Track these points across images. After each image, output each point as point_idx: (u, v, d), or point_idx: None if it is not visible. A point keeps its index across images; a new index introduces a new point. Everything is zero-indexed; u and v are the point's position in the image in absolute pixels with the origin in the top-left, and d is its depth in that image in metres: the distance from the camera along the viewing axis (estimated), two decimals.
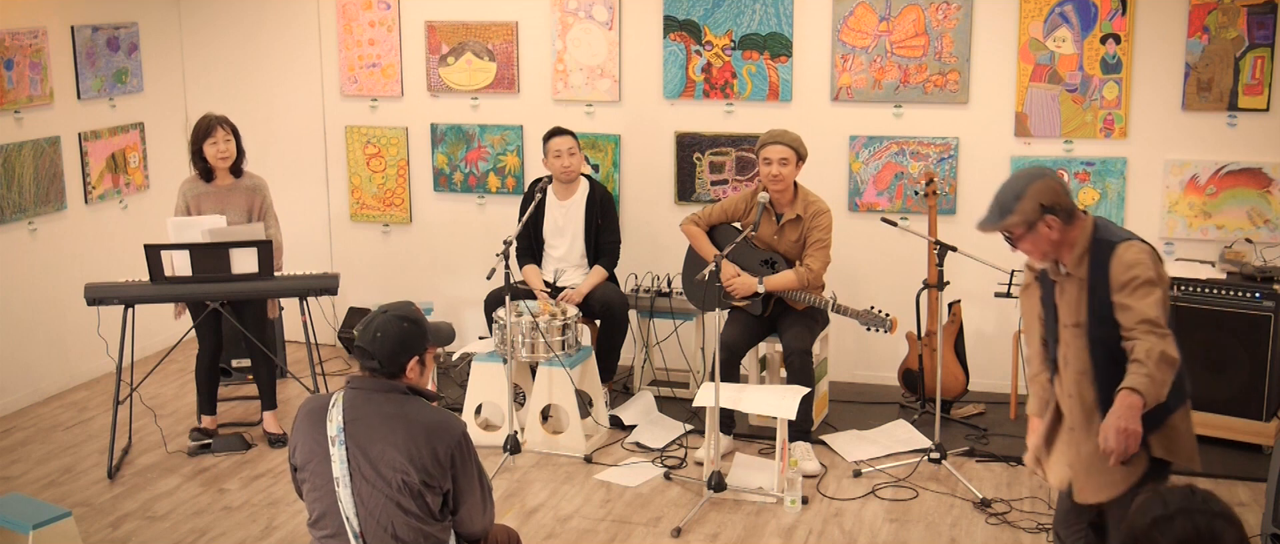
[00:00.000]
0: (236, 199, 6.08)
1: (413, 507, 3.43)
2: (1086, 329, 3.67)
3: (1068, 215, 3.65)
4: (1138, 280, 3.54)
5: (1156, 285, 3.56)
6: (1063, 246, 3.68)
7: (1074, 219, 3.67)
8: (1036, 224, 3.63)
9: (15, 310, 6.75)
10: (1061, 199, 3.63)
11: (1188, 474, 4.43)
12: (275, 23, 7.63)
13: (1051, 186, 3.63)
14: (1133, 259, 3.57)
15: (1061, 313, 3.74)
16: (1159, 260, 3.63)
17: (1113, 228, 3.72)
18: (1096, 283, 3.62)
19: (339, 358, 7.61)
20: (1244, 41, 6.19)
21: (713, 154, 7.01)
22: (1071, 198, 3.71)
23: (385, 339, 3.48)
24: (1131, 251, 3.59)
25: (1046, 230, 3.64)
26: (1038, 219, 3.62)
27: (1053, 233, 3.64)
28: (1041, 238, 3.65)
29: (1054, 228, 3.63)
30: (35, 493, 5.61)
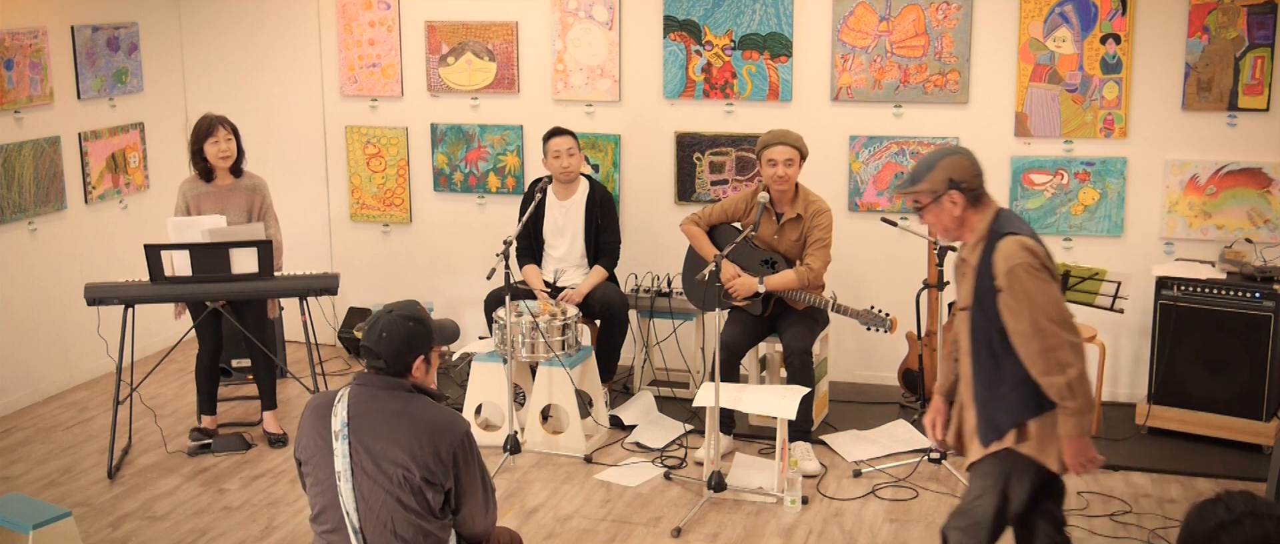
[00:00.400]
0: (236, 199, 6.08)
1: (413, 503, 3.43)
2: (970, 314, 3.78)
3: (974, 197, 3.78)
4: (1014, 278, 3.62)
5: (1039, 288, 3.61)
6: (965, 228, 3.81)
7: (980, 202, 3.79)
8: (942, 197, 3.77)
9: (15, 310, 6.75)
10: (970, 179, 3.77)
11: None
12: (275, 23, 7.63)
13: (962, 164, 3.78)
14: (1008, 251, 3.65)
15: (959, 295, 3.88)
16: (1037, 254, 3.65)
17: (1012, 221, 3.80)
18: (983, 271, 3.71)
19: (339, 358, 7.61)
20: (1244, 41, 6.20)
21: (713, 154, 7.01)
22: (982, 181, 3.82)
23: (391, 338, 3.50)
24: (1009, 245, 3.66)
25: (950, 206, 3.77)
26: (944, 192, 3.76)
27: (956, 209, 3.77)
28: (945, 212, 3.79)
29: (958, 204, 3.77)
30: (35, 493, 5.61)
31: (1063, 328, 3.62)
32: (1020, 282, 3.62)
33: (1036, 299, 3.61)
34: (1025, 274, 3.61)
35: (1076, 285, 5.52)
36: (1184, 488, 5.62)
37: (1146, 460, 5.86)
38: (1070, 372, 3.60)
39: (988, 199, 3.81)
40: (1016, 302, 3.63)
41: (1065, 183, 6.54)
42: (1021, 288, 3.61)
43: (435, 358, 3.63)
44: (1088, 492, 5.55)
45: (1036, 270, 3.63)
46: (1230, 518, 2.40)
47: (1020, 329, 3.63)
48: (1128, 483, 5.66)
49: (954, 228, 3.82)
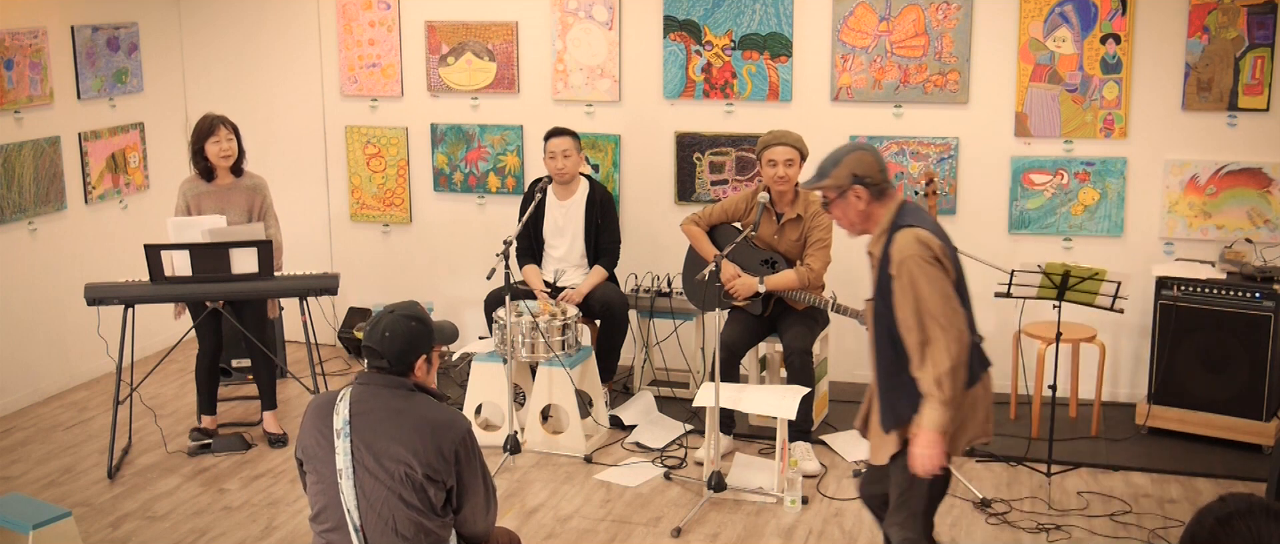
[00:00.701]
0: (237, 198, 6.08)
1: (414, 500, 3.44)
2: (875, 306, 3.88)
3: (878, 191, 3.86)
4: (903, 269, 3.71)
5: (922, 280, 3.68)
6: (870, 221, 3.90)
7: (884, 196, 3.88)
8: (846, 192, 3.86)
9: (15, 310, 6.75)
10: (873, 173, 3.86)
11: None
12: (275, 23, 7.63)
13: (866, 159, 3.87)
14: (902, 243, 3.74)
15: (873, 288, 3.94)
16: (930, 247, 3.72)
17: (912, 214, 3.86)
18: (883, 262, 3.81)
19: (339, 358, 7.61)
20: (1244, 41, 6.20)
21: (713, 154, 7.01)
22: (886, 175, 3.90)
23: (394, 338, 3.51)
24: (904, 236, 3.75)
25: (855, 200, 3.87)
26: (848, 187, 3.86)
27: (860, 203, 3.86)
28: (850, 206, 3.88)
29: (862, 199, 3.86)
30: (35, 493, 5.61)
31: (943, 321, 3.68)
32: (908, 272, 3.70)
33: (921, 291, 3.69)
34: (914, 266, 3.69)
35: (1076, 285, 5.52)
36: (1184, 488, 5.62)
37: (1146, 460, 5.86)
38: (941, 366, 3.67)
39: (891, 193, 3.91)
40: (903, 292, 3.72)
41: (1065, 183, 6.54)
42: (909, 279, 3.71)
43: (436, 357, 3.65)
44: (1088, 492, 5.55)
45: (928, 262, 3.70)
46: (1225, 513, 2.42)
47: (903, 319, 3.73)
48: (1128, 483, 5.66)
49: (859, 221, 3.92)
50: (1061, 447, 5.93)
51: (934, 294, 3.69)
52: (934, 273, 3.70)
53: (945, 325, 3.68)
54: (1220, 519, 2.41)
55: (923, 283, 3.69)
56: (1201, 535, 2.44)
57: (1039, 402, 6.14)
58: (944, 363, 3.66)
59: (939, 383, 3.67)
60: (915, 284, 3.69)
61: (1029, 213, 6.61)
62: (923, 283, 3.69)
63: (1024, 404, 6.43)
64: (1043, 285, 5.57)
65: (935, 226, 3.84)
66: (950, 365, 3.67)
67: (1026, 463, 5.84)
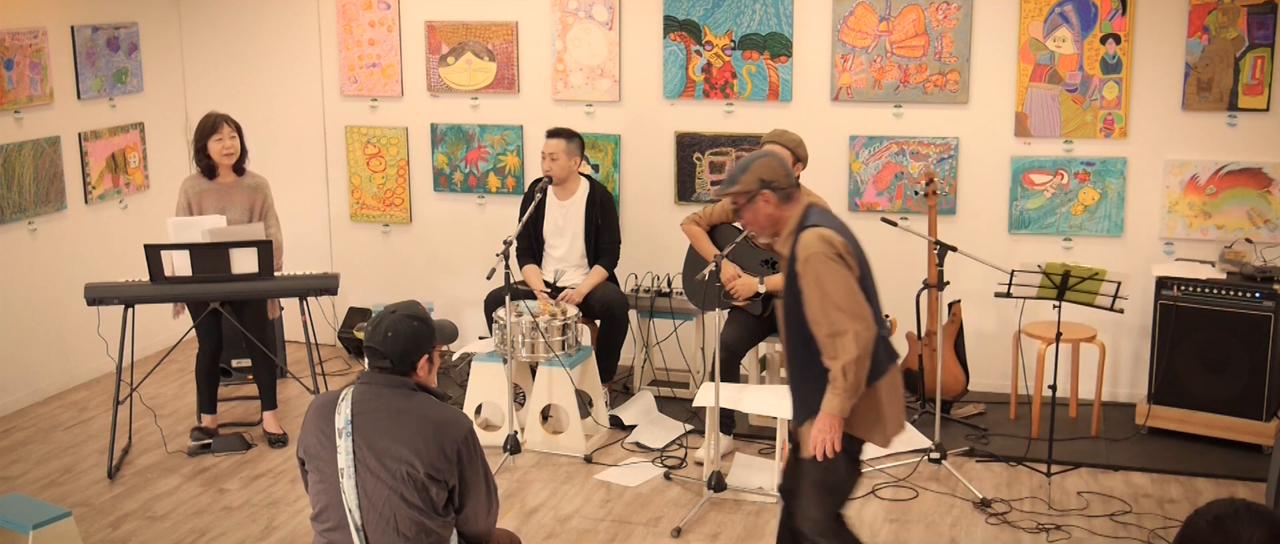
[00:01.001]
0: (238, 197, 6.09)
1: (416, 499, 3.44)
2: (784, 304, 4.02)
3: (785, 195, 4.02)
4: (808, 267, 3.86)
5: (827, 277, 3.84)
6: (779, 224, 4.05)
7: (792, 199, 4.04)
8: (755, 197, 4.01)
9: (15, 310, 6.75)
10: (780, 178, 4.01)
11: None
12: (275, 23, 7.63)
13: (773, 165, 4.03)
14: (806, 242, 3.89)
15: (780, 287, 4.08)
16: (833, 244, 3.87)
17: (818, 215, 4.02)
18: (791, 261, 3.96)
19: (339, 358, 7.61)
20: (1244, 41, 6.20)
21: (713, 154, 7.01)
22: (792, 180, 4.06)
23: (396, 338, 3.52)
24: (808, 236, 3.90)
25: (764, 204, 4.02)
26: (757, 192, 4.00)
27: (769, 207, 4.02)
28: (759, 211, 4.03)
29: (771, 202, 4.01)
30: (35, 493, 5.61)
31: (848, 316, 3.84)
32: (813, 270, 3.86)
33: (826, 286, 3.85)
34: (818, 263, 3.85)
35: (1076, 285, 5.52)
36: (1184, 488, 5.62)
37: (1146, 460, 5.86)
38: (845, 356, 3.82)
39: (799, 195, 4.07)
40: (809, 288, 3.87)
41: (1065, 183, 6.54)
42: (814, 276, 3.86)
43: (437, 357, 3.65)
44: (1088, 492, 5.55)
45: (830, 259, 3.86)
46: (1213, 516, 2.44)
47: (812, 314, 3.88)
48: (1128, 483, 5.66)
49: (769, 224, 4.07)
50: (1061, 447, 5.93)
51: (839, 288, 3.85)
52: (837, 268, 3.87)
53: (852, 316, 3.84)
54: (1212, 522, 2.43)
55: (827, 278, 3.85)
56: (1194, 539, 2.45)
57: (1039, 402, 6.14)
58: (851, 351, 3.82)
59: (845, 370, 3.83)
60: (820, 280, 3.85)
61: (1029, 213, 6.61)
62: (827, 278, 3.85)
63: (1024, 404, 6.44)
64: (1043, 285, 5.57)
65: (840, 226, 4.02)
66: (857, 354, 3.82)
67: (1026, 463, 5.84)
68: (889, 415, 4.02)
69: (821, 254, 3.86)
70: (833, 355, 3.85)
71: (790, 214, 4.03)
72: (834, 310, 3.83)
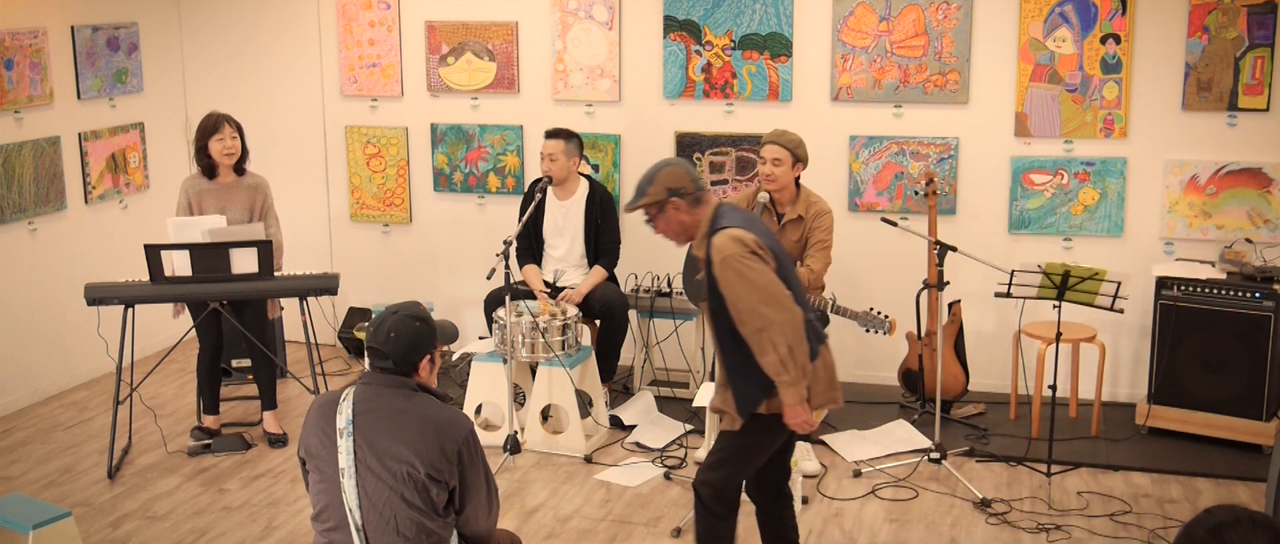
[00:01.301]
0: (238, 197, 6.09)
1: (417, 500, 3.44)
2: (708, 307, 4.09)
3: (694, 200, 4.09)
4: (725, 268, 3.94)
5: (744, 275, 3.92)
6: (692, 228, 4.13)
7: (700, 203, 4.10)
8: (665, 205, 4.09)
9: (15, 310, 6.75)
10: (686, 184, 4.08)
11: None
12: (275, 23, 7.63)
13: (678, 172, 4.10)
14: (719, 245, 3.97)
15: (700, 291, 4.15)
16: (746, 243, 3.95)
17: (728, 215, 4.07)
18: (708, 265, 4.03)
19: (339, 358, 7.61)
20: (1244, 41, 6.20)
21: (713, 154, 7.01)
22: (699, 184, 4.12)
23: (399, 338, 3.52)
24: (720, 239, 3.98)
25: (674, 212, 4.10)
26: (666, 200, 4.08)
27: (681, 214, 4.10)
28: (671, 219, 4.12)
29: (681, 209, 4.09)
30: (35, 493, 5.61)
31: (772, 309, 3.92)
32: (730, 271, 3.94)
33: (745, 284, 3.93)
34: (734, 264, 3.93)
35: (1076, 285, 5.52)
36: (1184, 488, 5.62)
37: (1146, 460, 5.86)
38: (780, 349, 3.91)
39: (707, 198, 4.12)
40: (729, 288, 3.96)
41: (1065, 183, 6.54)
42: (732, 277, 3.94)
43: (438, 357, 3.65)
44: (1088, 492, 5.55)
45: (745, 258, 3.94)
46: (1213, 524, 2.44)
47: (737, 313, 3.96)
48: (1128, 483, 5.66)
49: (681, 231, 4.14)
50: (1061, 447, 5.93)
51: (758, 284, 3.93)
52: (754, 264, 3.94)
53: (776, 309, 3.92)
54: (1210, 530, 2.43)
55: (746, 276, 3.93)
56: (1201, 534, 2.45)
57: (1039, 402, 6.14)
58: (781, 346, 3.91)
59: (784, 365, 3.93)
60: (740, 280, 3.93)
61: (1029, 213, 6.61)
62: (746, 276, 3.93)
63: (1024, 404, 6.44)
64: (1043, 285, 5.57)
65: (751, 221, 4.09)
66: (787, 346, 3.91)
67: (1026, 463, 5.84)
68: (815, 392, 4.13)
69: (736, 254, 3.94)
70: (763, 351, 3.94)
71: (701, 217, 4.10)
72: (758, 306, 3.92)
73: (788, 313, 3.93)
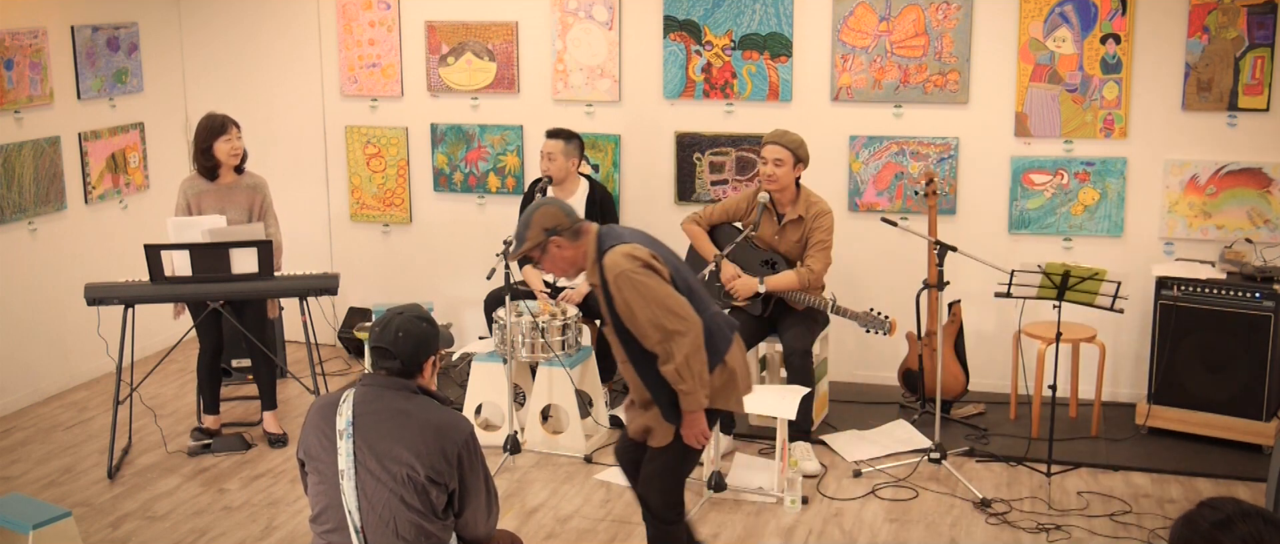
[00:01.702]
0: (237, 197, 6.09)
1: (416, 502, 3.44)
2: (614, 328, 4.16)
3: (572, 234, 4.14)
4: (620, 286, 4.01)
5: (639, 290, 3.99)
6: (579, 260, 4.17)
7: (580, 235, 4.15)
8: (547, 245, 4.13)
9: (15, 310, 6.75)
10: (562, 221, 4.14)
11: None
12: (275, 23, 7.63)
13: (552, 212, 4.15)
14: (611, 263, 4.03)
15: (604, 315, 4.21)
16: (638, 257, 4.02)
17: (611, 236, 4.15)
18: (604, 288, 4.10)
19: (339, 358, 7.61)
20: (1244, 41, 6.20)
21: (713, 154, 7.01)
22: (574, 218, 4.17)
23: (408, 338, 3.54)
24: (611, 257, 4.04)
25: (557, 250, 4.14)
26: (546, 241, 4.12)
27: (564, 251, 4.14)
28: (556, 257, 4.15)
29: (563, 246, 4.13)
30: (35, 493, 5.61)
31: (669, 320, 4.01)
32: (625, 287, 4.02)
33: (641, 299, 4.00)
34: (628, 280, 4.00)
35: (1076, 285, 5.52)
36: (1184, 488, 5.62)
37: (1146, 460, 5.86)
38: (677, 359, 4.02)
39: (585, 228, 4.18)
40: (625, 307, 4.04)
41: (1065, 183, 6.54)
42: (628, 293, 4.02)
43: (439, 361, 3.67)
44: (1088, 492, 5.55)
45: (637, 272, 4.01)
46: (1221, 518, 2.41)
47: (639, 328, 4.05)
48: (1128, 483, 5.66)
49: (570, 266, 4.20)
50: (1061, 447, 5.93)
51: (653, 296, 4.00)
52: (647, 277, 4.02)
53: (675, 318, 4.01)
54: (1217, 524, 2.40)
55: (640, 290, 4.00)
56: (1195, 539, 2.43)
57: (1039, 402, 6.14)
58: (678, 356, 4.01)
59: (680, 373, 4.03)
60: (635, 292, 4.00)
61: (1029, 213, 6.61)
62: (640, 290, 4.00)
63: (1024, 404, 6.44)
64: (1043, 285, 5.57)
65: (637, 235, 4.17)
66: (684, 356, 4.01)
67: (1026, 463, 5.84)
68: (741, 381, 4.26)
69: (629, 270, 4.00)
70: (667, 359, 4.04)
71: (585, 247, 4.15)
72: (659, 317, 4.00)
73: (685, 323, 4.02)
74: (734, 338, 4.27)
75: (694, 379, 4.05)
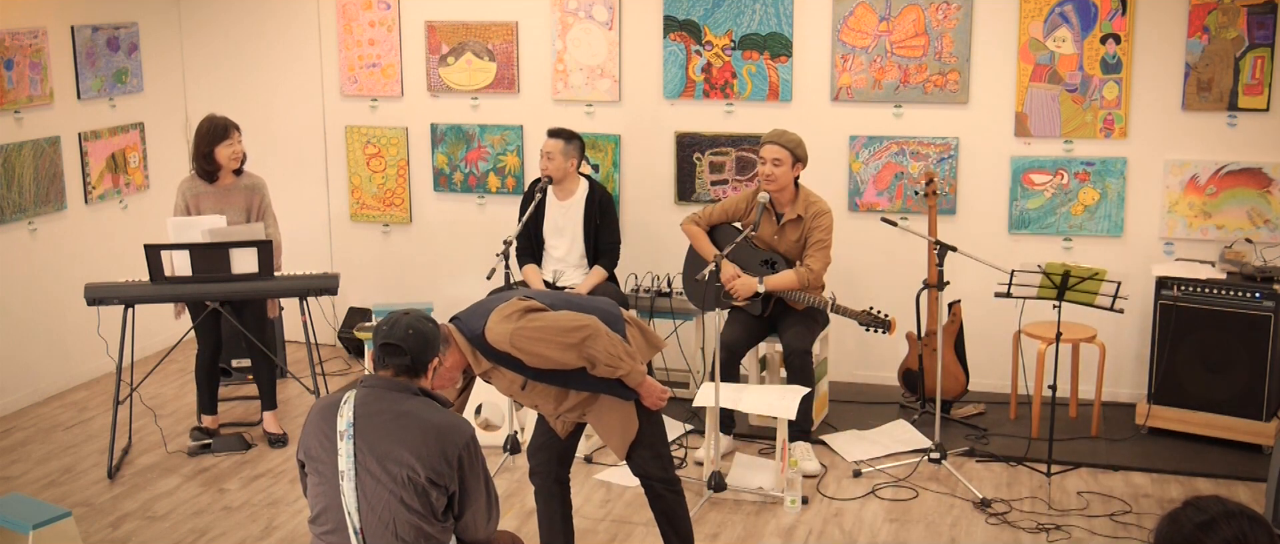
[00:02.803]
0: (235, 198, 6.09)
1: (416, 504, 3.44)
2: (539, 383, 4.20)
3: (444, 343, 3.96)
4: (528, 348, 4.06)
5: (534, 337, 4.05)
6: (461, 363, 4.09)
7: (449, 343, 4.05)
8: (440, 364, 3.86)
9: (15, 310, 6.75)
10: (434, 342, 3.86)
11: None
12: (275, 23, 7.63)
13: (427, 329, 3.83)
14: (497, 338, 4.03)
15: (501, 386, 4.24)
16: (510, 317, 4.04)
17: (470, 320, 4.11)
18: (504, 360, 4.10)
19: (339, 358, 7.61)
20: (1244, 41, 6.20)
21: (713, 154, 7.01)
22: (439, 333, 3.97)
23: (418, 335, 3.57)
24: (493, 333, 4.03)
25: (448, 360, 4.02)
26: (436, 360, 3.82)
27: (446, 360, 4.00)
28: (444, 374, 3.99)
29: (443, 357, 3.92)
30: (35, 493, 5.61)
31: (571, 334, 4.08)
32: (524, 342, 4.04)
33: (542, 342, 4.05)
34: (521, 335, 4.02)
35: (1076, 285, 5.52)
36: (1184, 488, 5.62)
37: (1146, 460, 5.86)
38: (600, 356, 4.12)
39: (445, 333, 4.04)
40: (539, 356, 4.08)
41: (1065, 183, 6.54)
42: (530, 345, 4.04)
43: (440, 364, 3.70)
44: (1088, 492, 5.55)
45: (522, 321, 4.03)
46: (1205, 519, 2.41)
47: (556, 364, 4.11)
48: (1128, 483, 5.66)
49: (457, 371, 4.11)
50: (1061, 447, 5.93)
51: (548, 329, 4.06)
52: (531, 320, 4.05)
53: (575, 331, 4.08)
54: (1200, 526, 2.39)
55: (537, 334, 4.05)
56: (1177, 539, 2.42)
57: (1039, 402, 6.14)
58: (600, 352, 4.12)
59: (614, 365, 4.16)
60: (535, 339, 4.04)
61: (1029, 213, 6.61)
62: (537, 334, 4.05)
63: (1024, 404, 6.44)
64: (1043, 285, 5.57)
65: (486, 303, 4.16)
66: (604, 349, 4.11)
67: (1026, 463, 5.84)
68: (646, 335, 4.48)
69: (516, 329, 4.02)
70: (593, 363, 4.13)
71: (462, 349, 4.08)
72: (564, 338, 4.07)
73: (583, 325, 4.11)
74: (617, 308, 4.41)
75: (626, 359, 4.19)
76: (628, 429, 4.39)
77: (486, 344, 4.07)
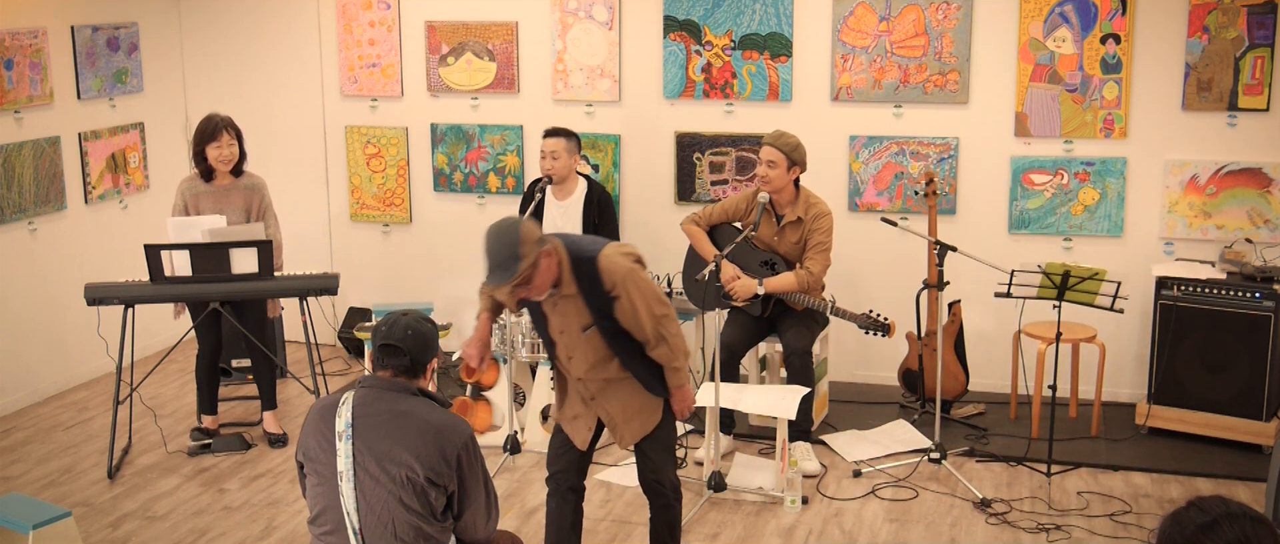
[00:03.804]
0: (235, 199, 6.09)
1: (415, 504, 3.44)
2: (602, 330, 4.21)
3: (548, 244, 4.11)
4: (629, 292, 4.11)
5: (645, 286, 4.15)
6: (556, 272, 4.14)
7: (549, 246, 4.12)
8: (540, 261, 4.06)
9: (15, 310, 6.75)
10: (541, 233, 4.12)
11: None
12: (275, 23, 7.63)
13: (529, 226, 4.10)
14: (612, 266, 4.11)
15: (554, 323, 4.27)
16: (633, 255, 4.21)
17: (582, 241, 4.25)
18: (591, 290, 4.13)
19: (339, 358, 7.61)
20: (1244, 41, 6.20)
21: (713, 154, 7.01)
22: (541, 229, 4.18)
23: (417, 335, 3.58)
24: (610, 261, 4.12)
25: (547, 261, 4.08)
26: (540, 255, 4.05)
27: (551, 260, 4.10)
28: (545, 271, 4.08)
29: (550, 255, 4.10)
30: (35, 493, 5.61)
31: (659, 305, 4.19)
32: (631, 286, 4.11)
33: (641, 294, 4.13)
34: (634, 279, 4.12)
35: (1076, 285, 5.52)
36: (1184, 488, 5.62)
37: (1146, 460, 5.86)
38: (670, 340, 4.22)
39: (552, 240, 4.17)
40: (631, 304, 4.12)
41: (1065, 183, 6.54)
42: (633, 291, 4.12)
43: (438, 365, 3.71)
44: (1088, 492, 5.55)
45: (639, 271, 4.17)
46: (1207, 521, 2.41)
47: (635, 323, 4.16)
48: (1128, 483, 5.66)
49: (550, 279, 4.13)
50: (1061, 447, 5.93)
51: (651, 290, 4.18)
52: (645, 274, 4.20)
53: (663, 305, 4.20)
54: (1202, 527, 2.39)
55: (643, 287, 4.16)
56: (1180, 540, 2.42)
57: (1039, 402, 6.14)
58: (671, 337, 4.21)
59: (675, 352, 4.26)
60: (639, 290, 4.13)
61: (1029, 213, 6.61)
62: (643, 287, 4.16)
63: (1024, 404, 6.44)
64: (1043, 285, 5.57)
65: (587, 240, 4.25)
66: (675, 334, 4.23)
67: (1026, 463, 5.84)
68: None
69: (634, 270, 4.15)
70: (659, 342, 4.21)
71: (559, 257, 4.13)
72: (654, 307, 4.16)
73: (669, 307, 4.24)
74: None
75: (683, 355, 4.27)
76: (648, 420, 4.39)
77: (594, 268, 4.11)
